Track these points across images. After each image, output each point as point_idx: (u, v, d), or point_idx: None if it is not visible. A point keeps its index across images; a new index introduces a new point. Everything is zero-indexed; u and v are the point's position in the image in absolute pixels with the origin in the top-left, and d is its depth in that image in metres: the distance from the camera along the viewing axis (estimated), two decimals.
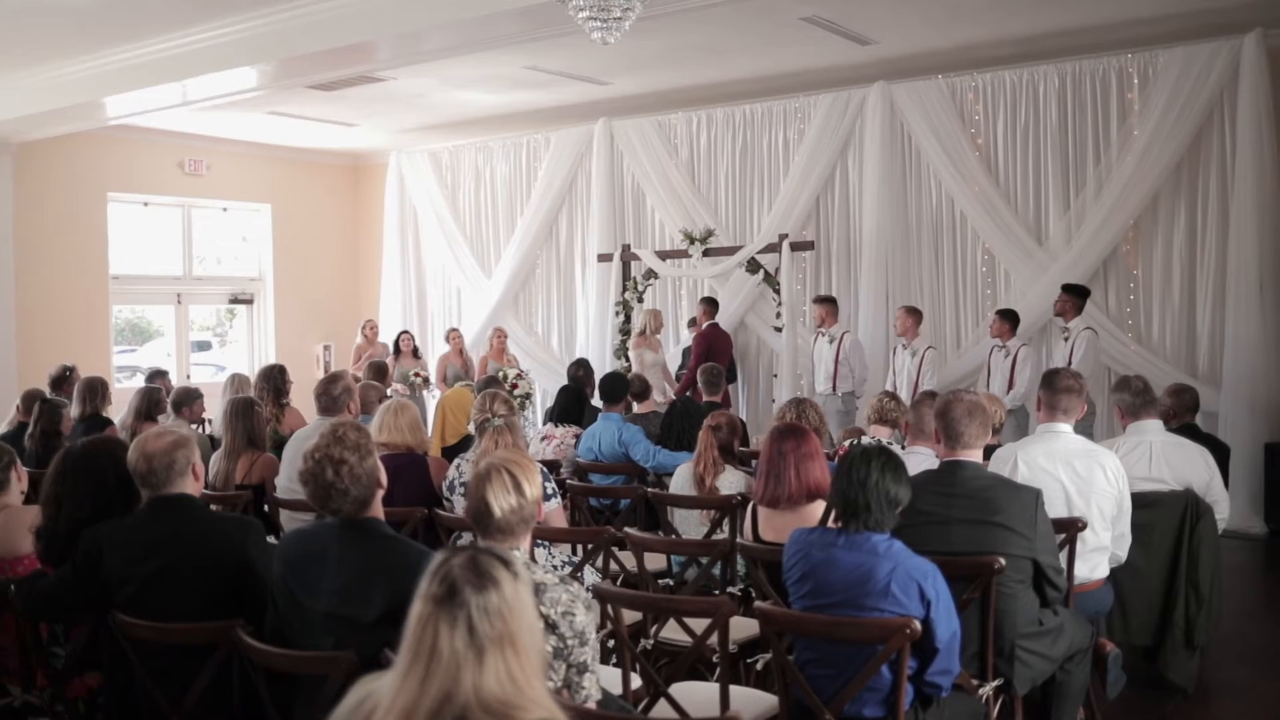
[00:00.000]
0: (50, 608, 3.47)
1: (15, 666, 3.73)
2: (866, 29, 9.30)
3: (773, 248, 10.71)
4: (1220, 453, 5.75)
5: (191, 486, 3.49)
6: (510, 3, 7.65)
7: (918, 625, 3.12)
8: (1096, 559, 4.53)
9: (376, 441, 5.26)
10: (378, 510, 3.22)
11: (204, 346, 14.57)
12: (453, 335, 12.46)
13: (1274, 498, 8.66)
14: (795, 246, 10.72)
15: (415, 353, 12.08)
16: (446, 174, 14.01)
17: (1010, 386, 8.84)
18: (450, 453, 6.07)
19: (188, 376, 13.32)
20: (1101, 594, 4.63)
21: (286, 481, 5.52)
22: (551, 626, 2.79)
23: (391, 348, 12.06)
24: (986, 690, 3.76)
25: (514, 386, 10.21)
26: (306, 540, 3.21)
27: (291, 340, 14.50)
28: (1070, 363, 8.48)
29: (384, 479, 3.20)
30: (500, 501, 2.91)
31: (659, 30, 8.73)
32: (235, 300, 14.51)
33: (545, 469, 4.95)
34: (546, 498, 4.77)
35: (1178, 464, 5.22)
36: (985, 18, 9.00)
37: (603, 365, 10.92)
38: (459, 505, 5.11)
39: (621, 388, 6.89)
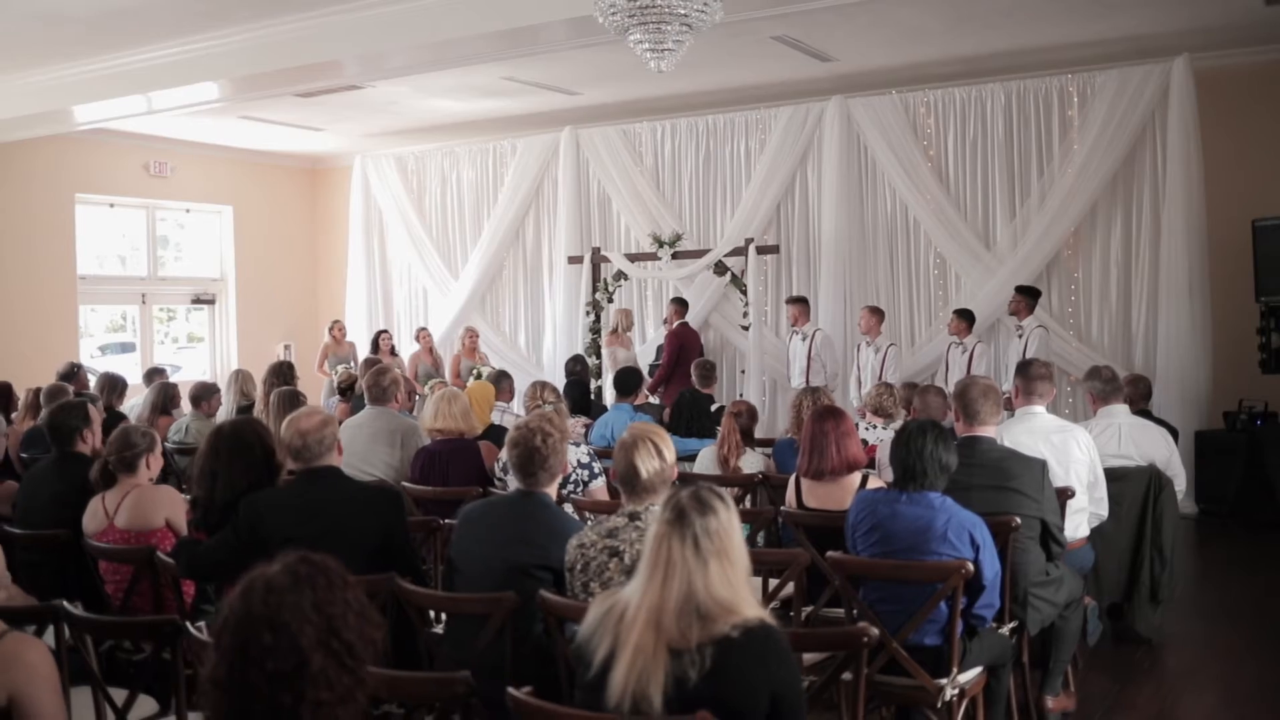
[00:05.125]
0: (213, 569, 3.90)
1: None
2: (828, 47, 9.88)
3: (739, 251, 11.27)
4: (1172, 434, 6.48)
5: (336, 460, 3.98)
6: (478, 27, 7.96)
7: (971, 565, 3.75)
8: (1079, 519, 5.19)
9: (432, 428, 5.78)
10: (553, 489, 3.87)
11: (128, 348, 14.56)
12: (422, 334, 12.84)
13: (1204, 481, 9.46)
14: (761, 250, 11.29)
15: (393, 351, 12.44)
16: (412, 178, 14.31)
17: None
18: None
19: None
20: (1085, 552, 5.30)
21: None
22: None
23: (370, 347, 12.40)
24: (1004, 631, 4.40)
25: None
26: (487, 506, 3.87)
27: (253, 340, 14.73)
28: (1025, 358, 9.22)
29: (568, 464, 3.84)
30: (646, 465, 3.46)
31: None
32: (198, 300, 14.72)
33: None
34: (594, 476, 5.30)
35: (1142, 443, 5.93)
36: (938, 39, 9.65)
37: None
38: (512, 483, 5.60)
39: (636, 381, 7.43)
